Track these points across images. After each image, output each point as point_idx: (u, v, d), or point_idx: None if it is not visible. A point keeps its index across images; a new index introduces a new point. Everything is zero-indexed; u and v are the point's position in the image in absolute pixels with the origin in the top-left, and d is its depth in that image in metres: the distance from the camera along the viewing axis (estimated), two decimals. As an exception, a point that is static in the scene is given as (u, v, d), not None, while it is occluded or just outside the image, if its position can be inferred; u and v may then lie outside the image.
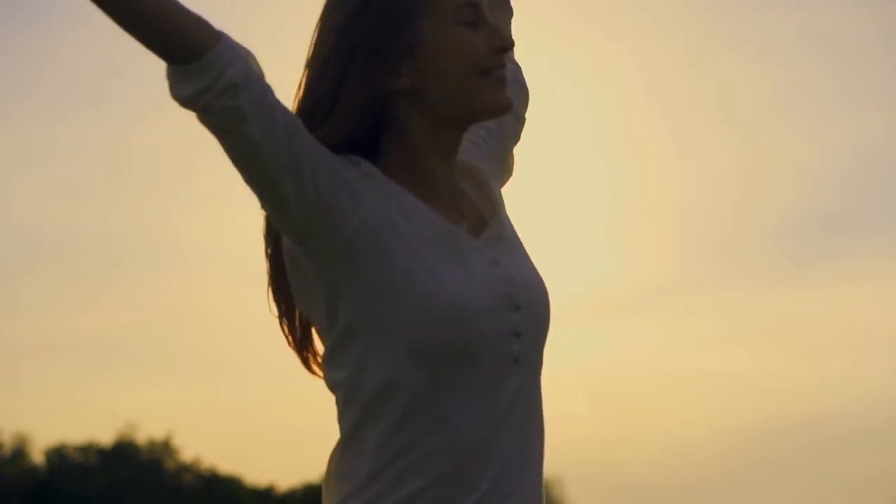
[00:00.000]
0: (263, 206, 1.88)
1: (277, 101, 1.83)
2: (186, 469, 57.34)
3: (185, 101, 1.79)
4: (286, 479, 74.84)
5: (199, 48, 1.77)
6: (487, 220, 2.00)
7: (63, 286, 75.61)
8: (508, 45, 1.96)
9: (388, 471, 1.88)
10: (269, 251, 1.98)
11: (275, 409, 73.74)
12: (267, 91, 1.82)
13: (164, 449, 57.04)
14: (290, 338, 2.01)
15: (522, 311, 1.94)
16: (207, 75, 1.77)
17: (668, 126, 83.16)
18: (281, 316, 2.00)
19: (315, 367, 2.01)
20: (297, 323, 2.01)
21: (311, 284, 1.90)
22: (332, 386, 1.94)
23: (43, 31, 77.82)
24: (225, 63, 1.78)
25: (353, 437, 1.91)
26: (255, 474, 72.16)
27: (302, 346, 2.02)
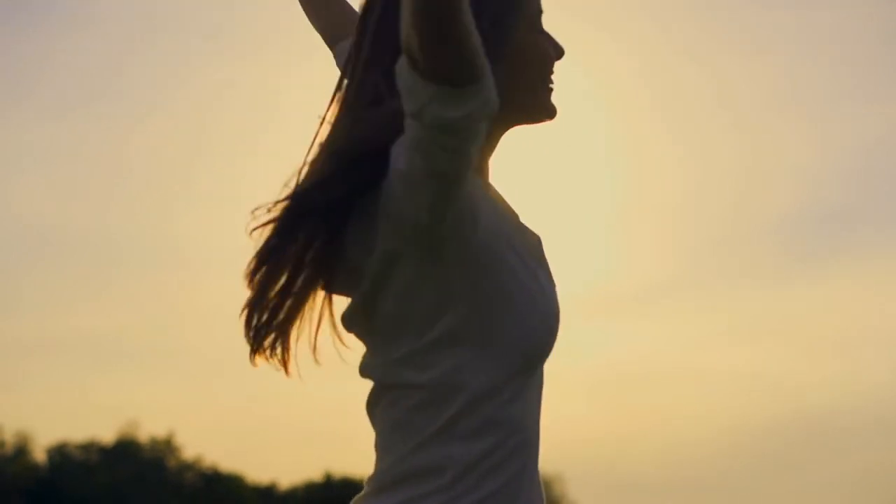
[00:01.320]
0: (425, 215, 1.82)
1: None
2: (188, 467, 57.40)
3: (449, 121, 1.73)
4: (288, 477, 74.94)
5: (479, 71, 1.72)
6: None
7: (64, 285, 75.71)
8: (563, 54, 2.03)
9: (475, 470, 1.90)
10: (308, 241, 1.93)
11: (276, 408, 73.80)
12: None
13: (165, 447, 57.11)
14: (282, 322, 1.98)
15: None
16: (480, 98, 1.73)
17: (668, 124, 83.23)
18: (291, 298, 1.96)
19: (272, 357, 1.98)
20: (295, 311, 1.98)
21: (409, 288, 1.88)
22: (405, 385, 1.93)
23: (43, 31, 77.89)
24: (491, 87, 1.75)
25: (438, 435, 1.91)
26: (257, 472, 72.14)
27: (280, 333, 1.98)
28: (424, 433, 1.92)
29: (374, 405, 1.98)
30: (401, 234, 1.85)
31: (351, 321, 1.97)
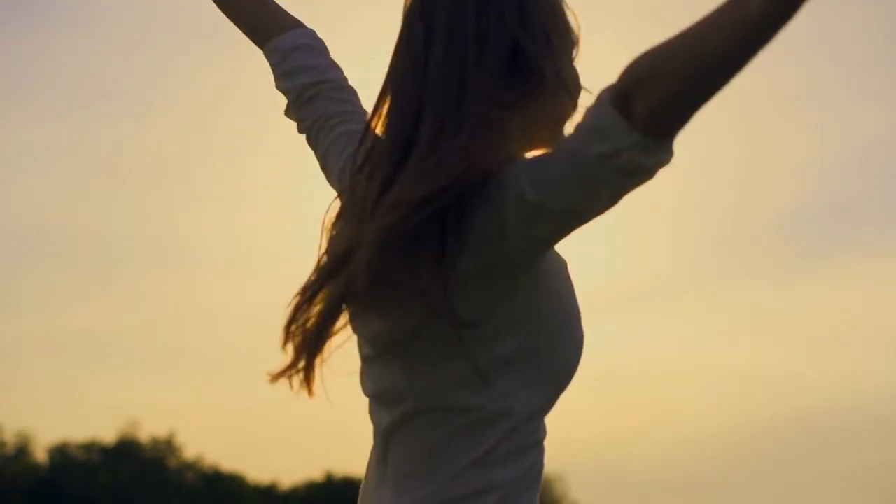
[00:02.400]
0: (531, 245, 1.80)
1: None
2: (189, 467, 57.42)
3: (643, 168, 1.74)
4: (289, 476, 74.96)
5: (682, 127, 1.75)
6: None
7: (65, 284, 75.72)
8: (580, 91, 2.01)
9: (512, 494, 1.89)
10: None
11: (277, 407, 73.68)
12: None
13: (166, 447, 57.13)
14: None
15: None
16: (670, 151, 1.74)
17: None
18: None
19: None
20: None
21: (477, 311, 1.84)
22: (450, 407, 1.88)
23: (43, 31, 77.88)
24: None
25: (483, 460, 1.88)
26: (258, 472, 72.14)
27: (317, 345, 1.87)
28: (468, 457, 1.87)
29: (401, 427, 1.91)
30: (491, 257, 1.81)
31: (392, 339, 1.89)
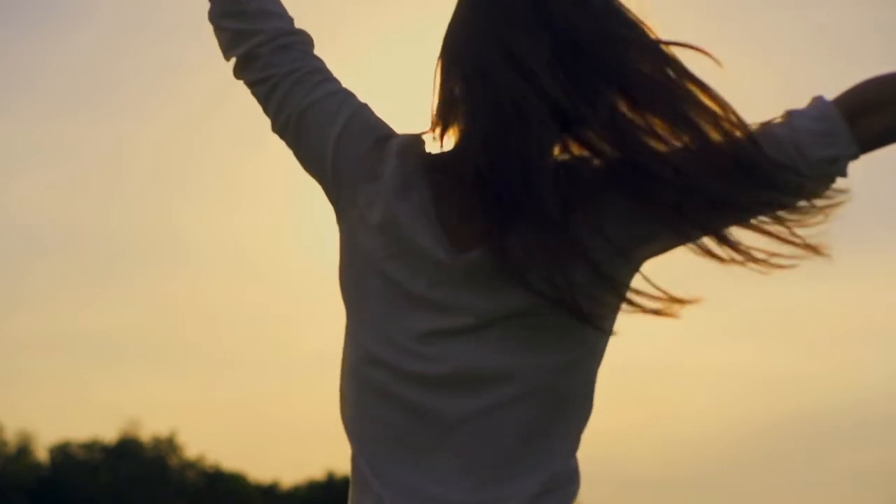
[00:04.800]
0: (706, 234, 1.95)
1: None
2: (190, 466, 57.37)
3: (842, 178, 1.86)
4: (290, 475, 74.93)
5: None
6: None
7: (66, 283, 75.72)
8: None
9: (579, 484, 1.91)
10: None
11: (279, 406, 73.77)
12: None
13: (168, 446, 57.09)
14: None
15: None
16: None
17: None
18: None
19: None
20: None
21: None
22: (550, 389, 1.86)
23: (43, 31, 77.88)
24: None
25: (572, 448, 1.90)
26: (260, 471, 72.14)
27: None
28: (568, 444, 1.88)
29: (492, 412, 1.85)
30: (639, 252, 1.92)
31: (520, 308, 1.85)
